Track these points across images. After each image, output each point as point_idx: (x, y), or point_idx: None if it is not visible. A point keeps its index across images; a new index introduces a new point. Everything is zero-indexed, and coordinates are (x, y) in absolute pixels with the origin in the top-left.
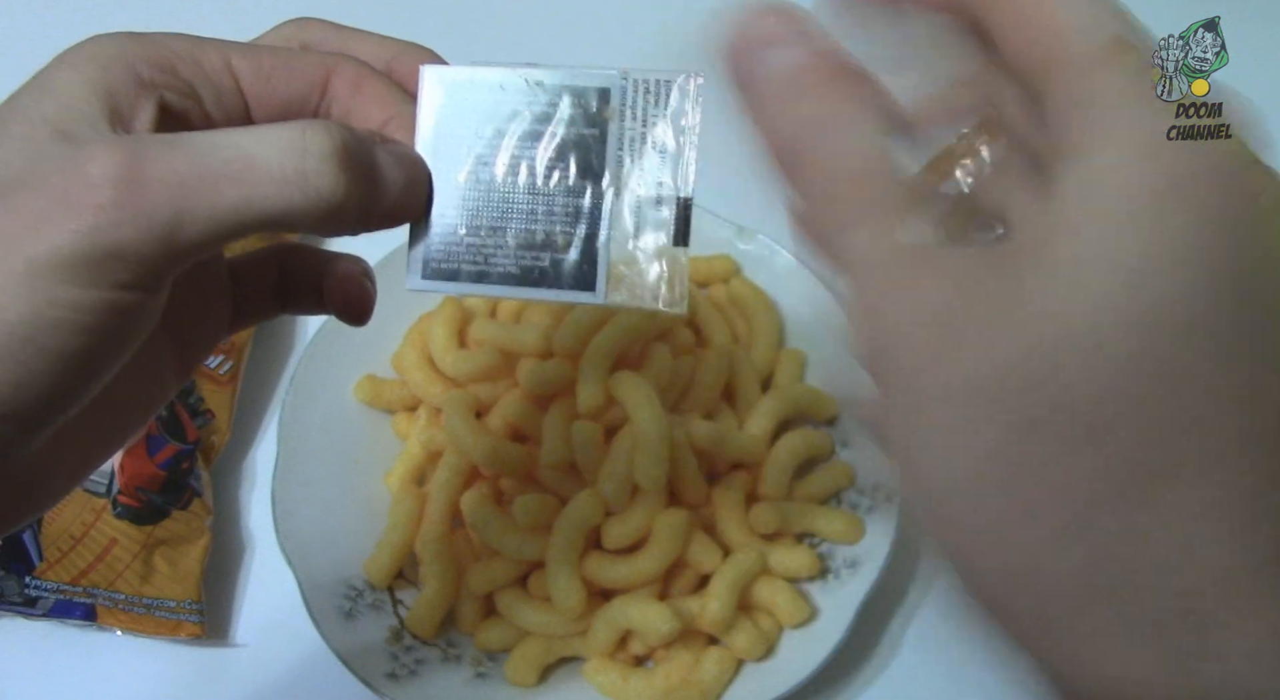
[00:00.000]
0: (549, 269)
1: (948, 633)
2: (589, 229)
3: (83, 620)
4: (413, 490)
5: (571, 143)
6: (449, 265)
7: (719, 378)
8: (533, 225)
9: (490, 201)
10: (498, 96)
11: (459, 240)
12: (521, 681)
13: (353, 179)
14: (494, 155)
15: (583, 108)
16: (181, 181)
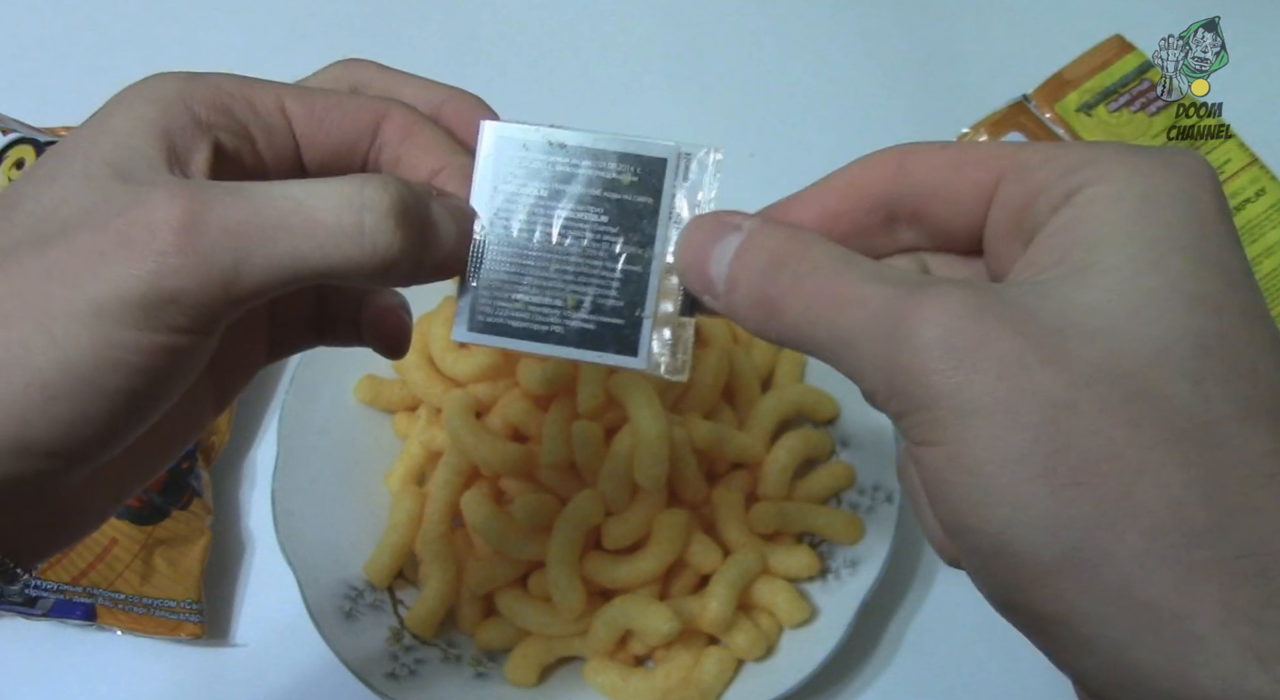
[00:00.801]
0: (595, 332)
1: (948, 633)
2: (636, 296)
3: (83, 620)
4: (413, 490)
5: (626, 210)
6: (496, 319)
7: (719, 378)
8: (582, 287)
9: (542, 260)
10: (555, 157)
11: (507, 296)
12: (521, 681)
13: (408, 234)
14: (548, 215)
15: (639, 176)
16: (241, 231)
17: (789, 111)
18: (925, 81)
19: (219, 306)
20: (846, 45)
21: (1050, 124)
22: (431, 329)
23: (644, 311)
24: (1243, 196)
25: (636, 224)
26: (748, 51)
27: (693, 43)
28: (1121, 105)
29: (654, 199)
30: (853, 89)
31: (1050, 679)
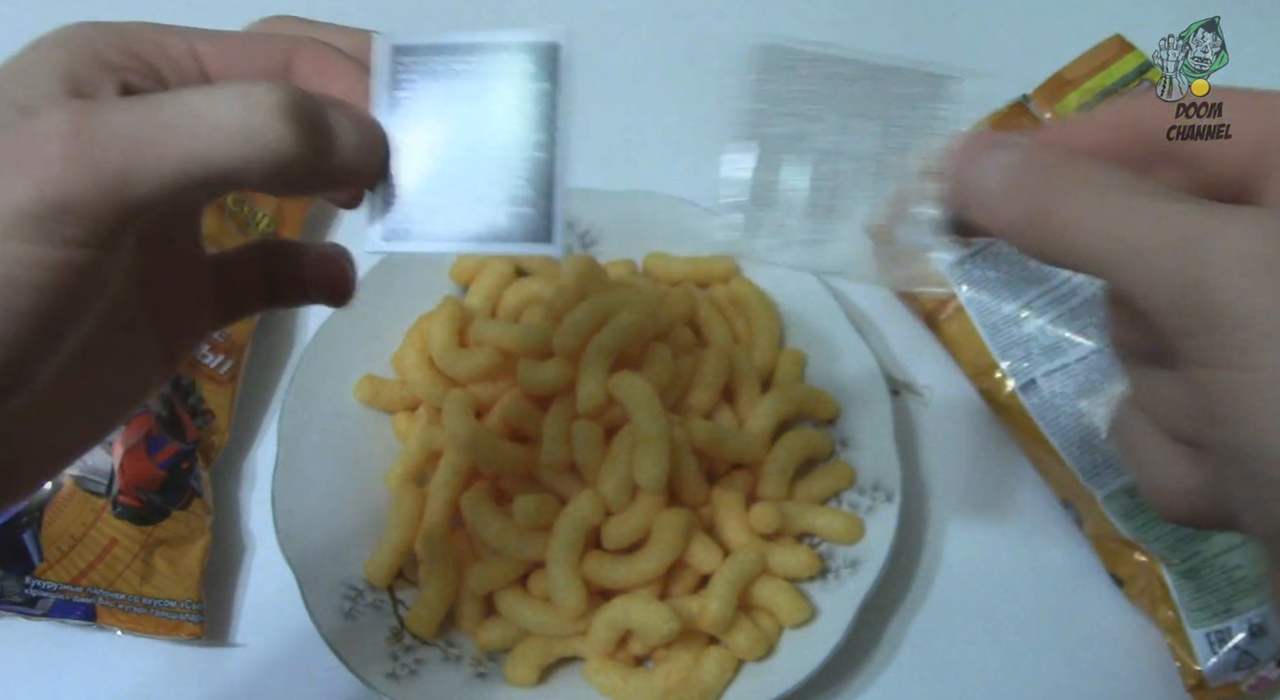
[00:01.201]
0: (507, 225)
1: (948, 633)
2: (544, 184)
3: (83, 620)
4: (413, 490)
5: (525, 99)
6: (407, 225)
7: (719, 377)
8: (490, 181)
9: (447, 161)
10: (448, 58)
11: (417, 201)
12: (521, 681)
13: (301, 132)
14: (449, 115)
15: (535, 64)
16: (129, 135)
17: None
18: None
19: (113, 215)
20: (846, 44)
21: (1051, 124)
22: (431, 329)
23: (554, 198)
24: None
25: (537, 112)
26: (747, 50)
27: (693, 42)
28: None
29: (551, 84)
30: None
31: (1050, 679)
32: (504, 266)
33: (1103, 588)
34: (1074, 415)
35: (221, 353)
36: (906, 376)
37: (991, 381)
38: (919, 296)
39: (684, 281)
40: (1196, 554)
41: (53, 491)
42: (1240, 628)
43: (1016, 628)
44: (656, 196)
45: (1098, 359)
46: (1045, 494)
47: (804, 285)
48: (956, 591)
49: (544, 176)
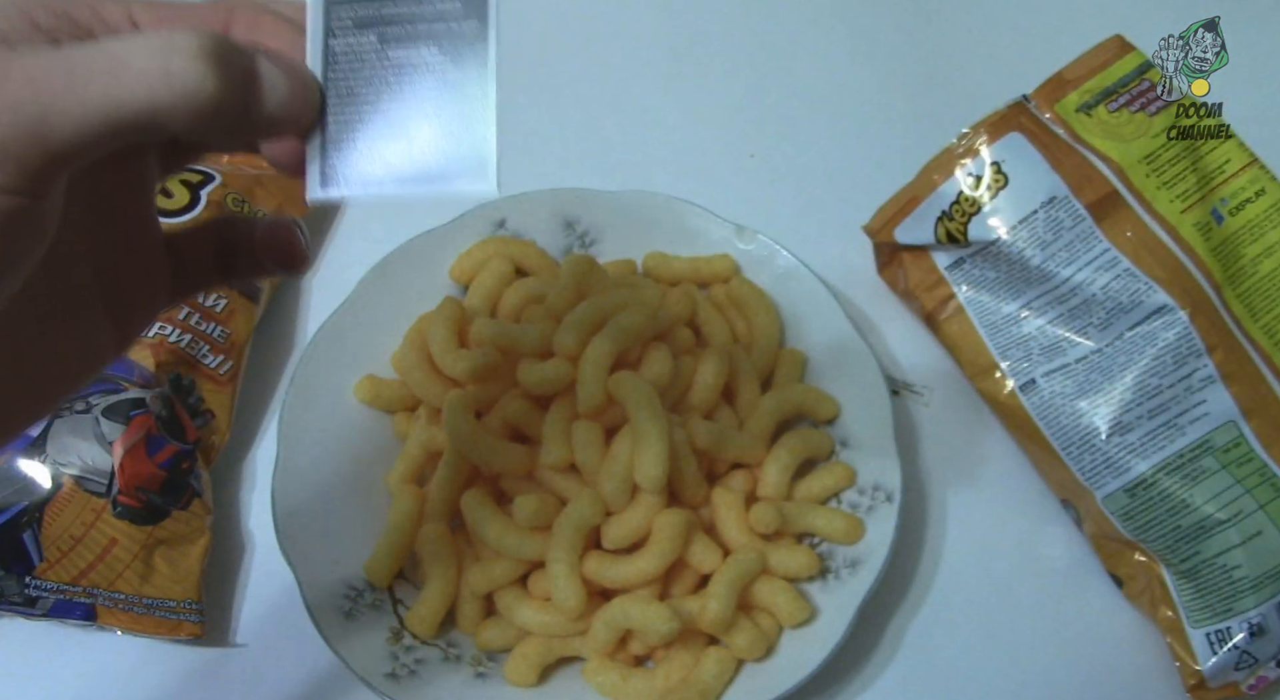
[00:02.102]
0: (444, 165)
1: (948, 633)
2: (480, 124)
3: (83, 620)
4: (413, 490)
5: (456, 38)
6: (345, 171)
7: (719, 378)
8: (425, 123)
9: (382, 105)
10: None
11: (353, 147)
12: (521, 681)
13: (223, 76)
14: (382, 60)
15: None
16: (47, 78)
17: (788, 112)
18: (925, 82)
19: (37, 161)
20: (846, 46)
21: (1051, 124)
22: (431, 329)
23: (488, 136)
24: (1243, 197)
25: (468, 51)
26: (747, 52)
27: (693, 43)
28: (1121, 105)
29: (480, 22)
30: (852, 89)
31: (1050, 679)
32: (504, 266)
33: (1102, 588)
34: (1074, 415)
35: (221, 353)
36: (906, 376)
37: (991, 381)
38: (919, 296)
39: (684, 281)
40: (1196, 554)
41: (53, 492)
42: (1240, 628)
43: (1016, 628)
44: (656, 196)
45: (1097, 359)
46: (1045, 494)
47: (804, 285)
48: (956, 591)
49: (477, 116)
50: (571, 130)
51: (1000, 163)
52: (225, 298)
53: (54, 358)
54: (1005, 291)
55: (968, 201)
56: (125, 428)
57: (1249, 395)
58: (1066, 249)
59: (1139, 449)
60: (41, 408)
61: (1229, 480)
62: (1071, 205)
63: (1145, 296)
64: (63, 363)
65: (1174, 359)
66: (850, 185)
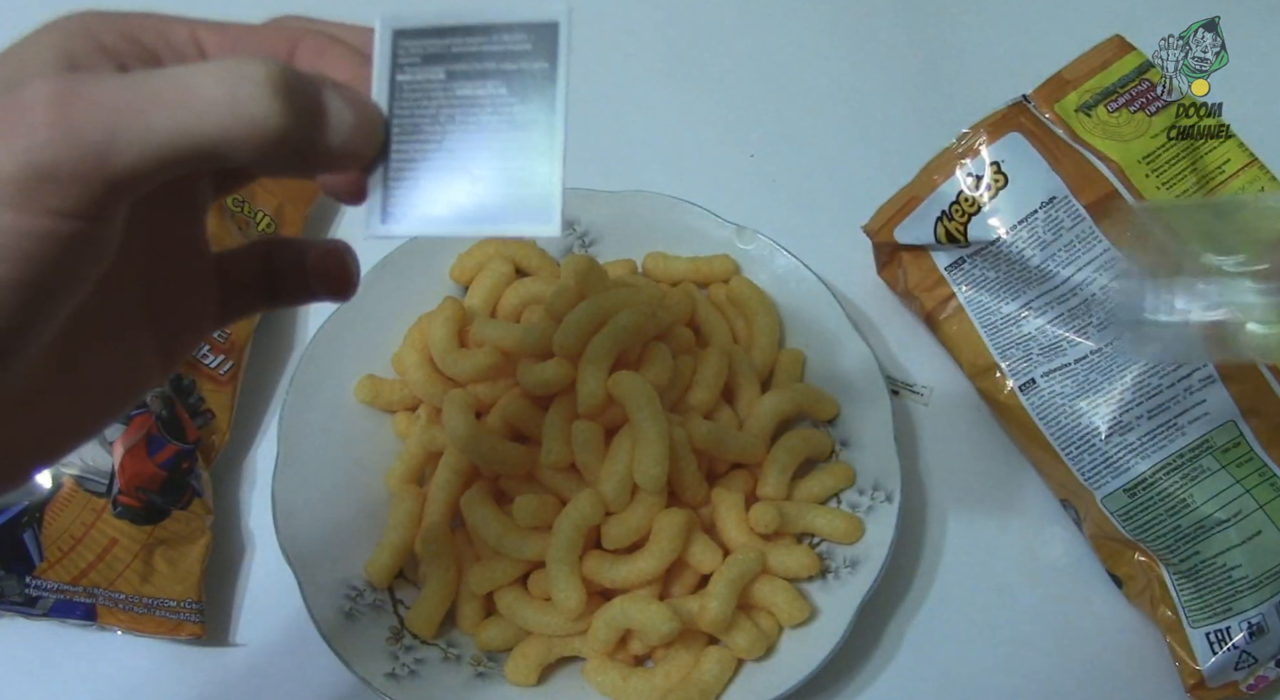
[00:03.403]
0: (507, 205)
1: (948, 633)
2: (545, 164)
3: (83, 620)
4: (413, 490)
5: (525, 78)
6: (405, 209)
7: (719, 377)
8: (490, 162)
9: (448, 142)
10: (448, 39)
11: (416, 184)
12: (521, 681)
13: (290, 107)
14: (450, 96)
15: (533, 43)
16: (114, 105)
17: (789, 112)
18: (925, 82)
19: (99, 185)
20: (846, 45)
21: (1050, 124)
22: (432, 329)
23: (554, 177)
24: None
25: (536, 90)
26: (747, 52)
27: (693, 43)
28: (1121, 105)
29: (550, 63)
30: (852, 89)
31: (1050, 679)
32: (504, 266)
33: (1102, 587)
34: (1073, 415)
35: (221, 353)
36: (906, 376)
37: (991, 381)
38: (919, 296)
39: (684, 281)
40: (1196, 554)
41: (53, 491)
42: (1240, 627)
43: (1016, 627)
44: (656, 196)
45: (1097, 359)
46: (1045, 494)
47: (804, 285)
48: (956, 591)
49: (545, 157)
50: (571, 130)
51: (1000, 163)
52: None
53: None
54: (1005, 291)
55: (967, 201)
56: (125, 427)
57: (1248, 395)
58: (1066, 249)
59: (1139, 449)
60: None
61: (1228, 480)
62: (1071, 205)
63: None
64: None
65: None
66: (850, 185)
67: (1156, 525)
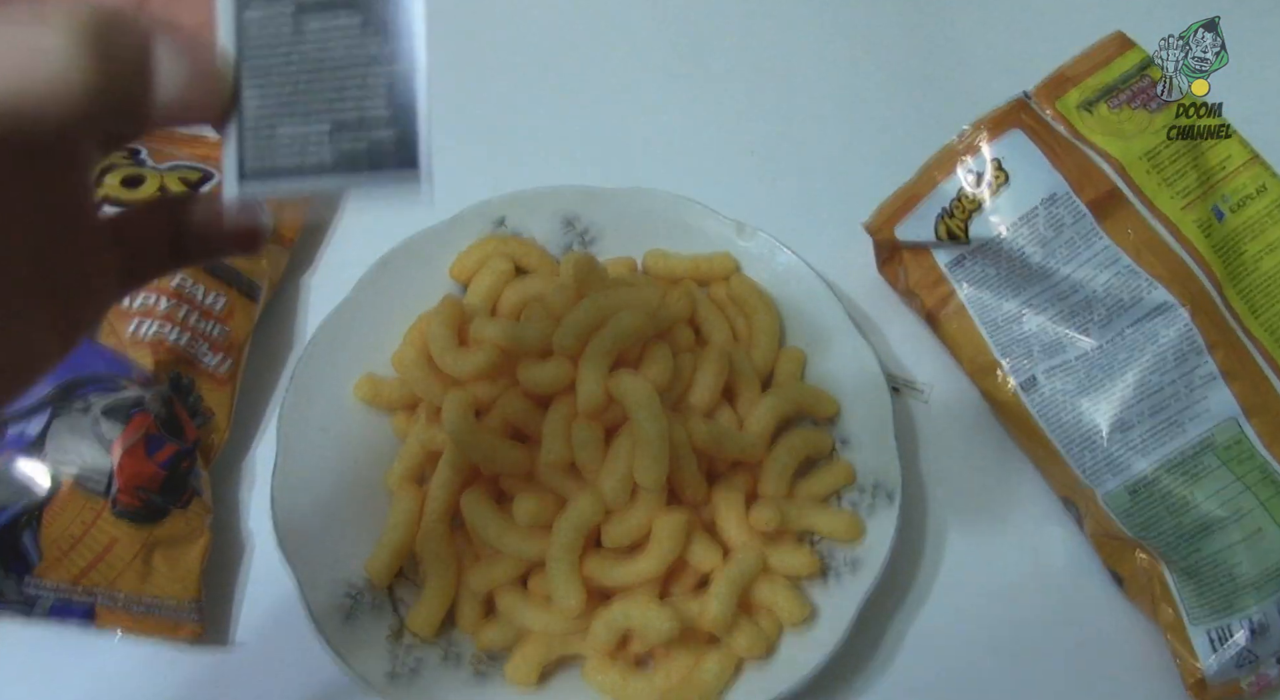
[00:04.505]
0: (368, 151)
1: (948, 633)
2: (403, 103)
3: (82, 621)
4: (412, 489)
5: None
6: (265, 163)
7: (719, 377)
8: (345, 105)
9: (299, 85)
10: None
11: (271, 133)
12: (521, 681)
13: (102, 61)
14: (298, 33)
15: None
16: None
17: (789, 109)
18: (926, 79)
19: None
20: (847, 42)
21: (1051, 121)
22: (431, 328)
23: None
24: (1243, 194)
25: (390, 21)
26: (748, 49)
27: (694, 41)
28: (1122, 102)
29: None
30: (853, 86)
31: (1050, 678)
32: (504, 265)
33: (1103, 586)
34: (1074, 413)
35: (220, 352)
36: (907, 375)
37: (992, 380)
38: (919, 294)
39: (684, 280)
40: (1197, 552)
41: (52, 492)
42: (1241, 626)
43: (1016, 626)
44: (657, 194)
45: (1098, 357)
46: (1045, 492)
47: (804, 283)
48: (957, 591)
49: (401, 95)
50: (571, 128)
51: (1001, 160)
52: (224, 296)
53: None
54: (1006, 289)
55: (968, 199)
56: (124, 427)
57: (1250, 393)
58: (1067, 246)
59: (1140, 447)
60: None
61: (1229, 478)
62: (1072, 203)
63: (1146, 294)
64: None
65: (1175, 357)
66: (851, 183)
67: (1157, 524)
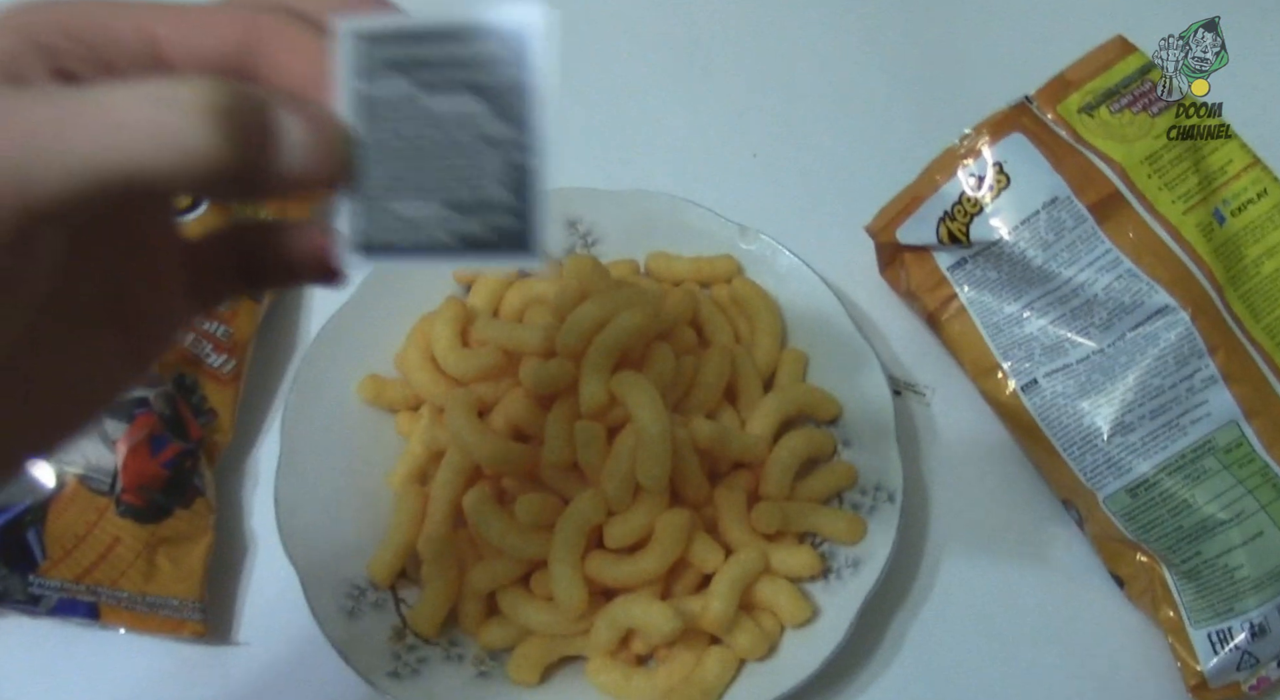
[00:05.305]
0: (484, 234)
1: (948, 633)
2: (522, 186)
3: (86, 619)
4: (415, 489)
5: (499, 91)
6: (379, 238)
7: (721, 377)
8: (463, 185)
9: (417, 162)
10: (416, 46)
11: (387, 208)
12: (523, 680)
13: (231, 136)
14: (418, 110)
15: (507, 49)
16: (29, 129)
17: (792, 112)
18: (928, 82)
19: (16, 214)
20: (849, 45)
21: (1053, 125)
22: (434, 328)
23: (532, 204)
24: (1244, 198)
25: (513, 104)
26: (750, 52)
27: (696, 42)
28: (1123, 106)
29: (526, 73)
30: (855, 89)
31: (1051, 679)
32: None
33: (1104, 588)
34: (1075, 415)
35: (225, 352)
36: (908, 377)
37: (993, 382)
38: (921, 296)
39: (686, 281)
40: (1198, 554)
41: (56, 490)
42: (1242, 628)
43: (1017, 628)
44: (659, 196)
45: (1099, 359)
46: (1046, 494)
47: (806, 285)
48: (958, 591)
49: (521, 179)
50: (573, 130)
51: (1002, 163)
52: None
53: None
54: (1007, 292)
55: (970, 202)
56: (128, 426)
57: (1251, 396)
58: (1068, 249)
59: (1141, 449)
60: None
61: (1230, 480)
62: (1073, 206)
63: (1147, 297)
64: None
65: (1176, 359)
66: (853, 185)
67: (1158, 526)
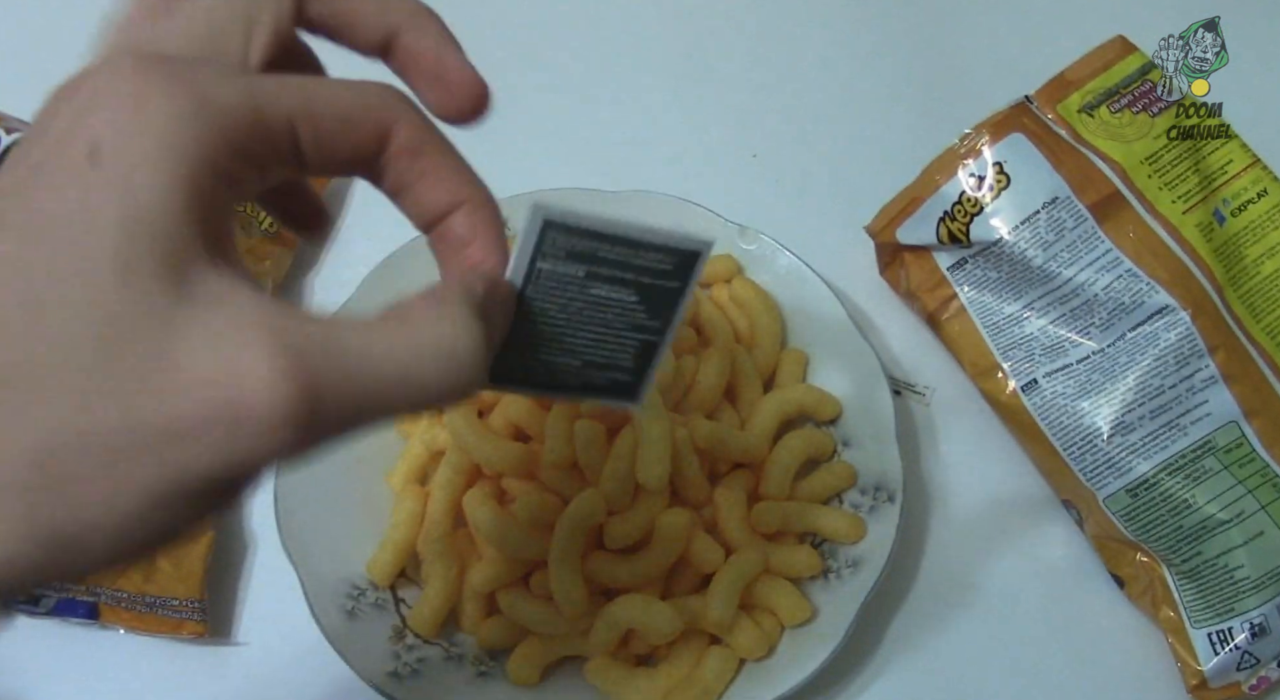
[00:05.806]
0: (606, 385)
1: (948, 633)
2: (648, 359)
3: (86, 618)
4: (415, 489)
5: (656, 292)
6: (519, 373)
7: (721, 378)
8: (601, 351)
9: (568, 328)
10: (597, 243)
11: (531, 355)
12: (523, 680)
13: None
14: (581, 292)
15: (673, 265)
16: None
17: (792, 112)
18: (928, 82)
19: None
20: (849, 45)
21: (1053, 125)
22: None
23: (652, 369)
24: (1245, 198)
25: (663, 303)
26: (750, 52)
27: (696, 42)
28: (1123, 106)
29: (682, 283)
30: (855, 89)
31: (1051, 679)
32: None
33: (1104, 588)
34: (1075, 415)
35: None
36: (908, 377)
37: (993, 382)
38: (921, 296)
39: None
40: (1198, 554)
41: None
42: (1242, 628)
43: (1017, 628)
44: (658, 196)
45: (1099, 359)
46: (1046, 494)
47: (806, 285)
48: (957, 591)
49: (649, 355)
50: (573, 130)
51: (1002, 163)
52: None
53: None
54: (1007, 292)
55: (970, 202)
56: None
57: (1251, 396)
58: (1068, 249)
59: (1141, 449)
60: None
61: (1230, 481)
62: (1073, 206)
63: (1147, 297)
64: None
65: (1176, 359)
66: (852, 185)
67: (1158, 526)
